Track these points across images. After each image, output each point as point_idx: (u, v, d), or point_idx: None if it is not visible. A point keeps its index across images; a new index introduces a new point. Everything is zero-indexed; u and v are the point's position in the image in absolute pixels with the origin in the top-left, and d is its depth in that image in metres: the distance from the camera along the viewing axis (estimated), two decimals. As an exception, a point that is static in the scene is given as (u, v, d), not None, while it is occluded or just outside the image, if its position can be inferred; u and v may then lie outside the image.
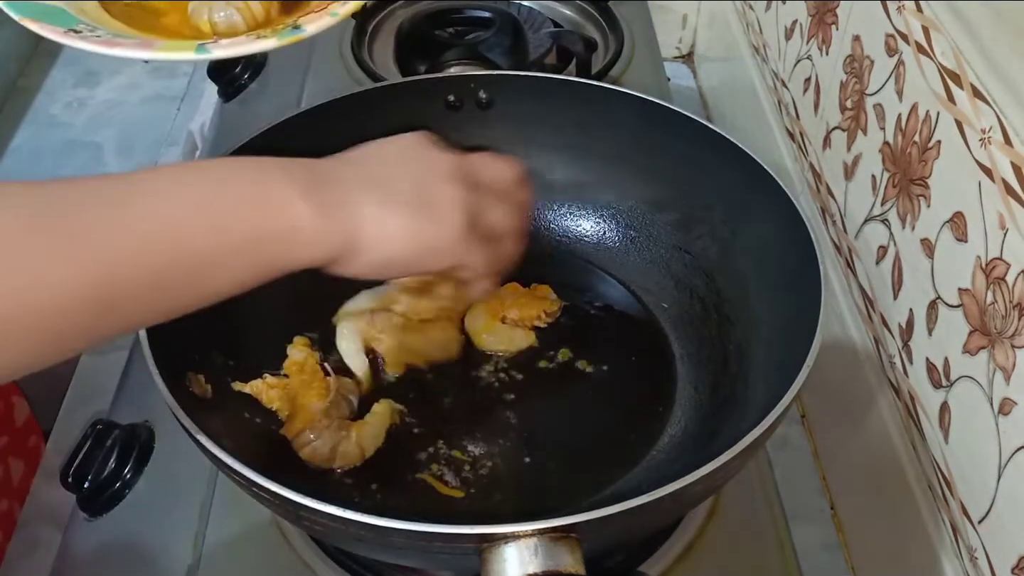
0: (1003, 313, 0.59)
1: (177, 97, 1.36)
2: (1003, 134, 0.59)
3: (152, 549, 0.68)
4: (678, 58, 1.45)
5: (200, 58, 0.63)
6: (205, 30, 0.68)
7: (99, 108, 1.34)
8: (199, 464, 0.58)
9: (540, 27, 1.08)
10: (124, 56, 0.60)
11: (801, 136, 0.97)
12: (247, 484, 0.52)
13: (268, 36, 0.63)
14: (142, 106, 1.35)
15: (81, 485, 0.70)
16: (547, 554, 0.47)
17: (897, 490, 0.74)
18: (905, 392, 0.74)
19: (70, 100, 1.36)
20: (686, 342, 0.74)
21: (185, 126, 1.26)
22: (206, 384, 0.64)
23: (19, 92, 1.36)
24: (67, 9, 0.64)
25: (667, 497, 0.49)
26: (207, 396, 0.64)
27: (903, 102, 0.73)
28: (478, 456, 0.67)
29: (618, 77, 1.04)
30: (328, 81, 1.04)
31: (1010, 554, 0.59)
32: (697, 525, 0.68)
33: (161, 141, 1.28)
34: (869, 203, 0.79)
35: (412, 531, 0.48)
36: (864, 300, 0.82)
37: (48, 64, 1.42)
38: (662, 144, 0.77)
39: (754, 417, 0.55)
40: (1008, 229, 0.58)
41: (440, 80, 0.83)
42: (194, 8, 0.69)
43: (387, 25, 1.13)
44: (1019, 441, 0.57)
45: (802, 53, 0.96)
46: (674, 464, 0.66)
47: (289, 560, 0.66)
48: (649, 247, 0.80)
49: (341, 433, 0.65)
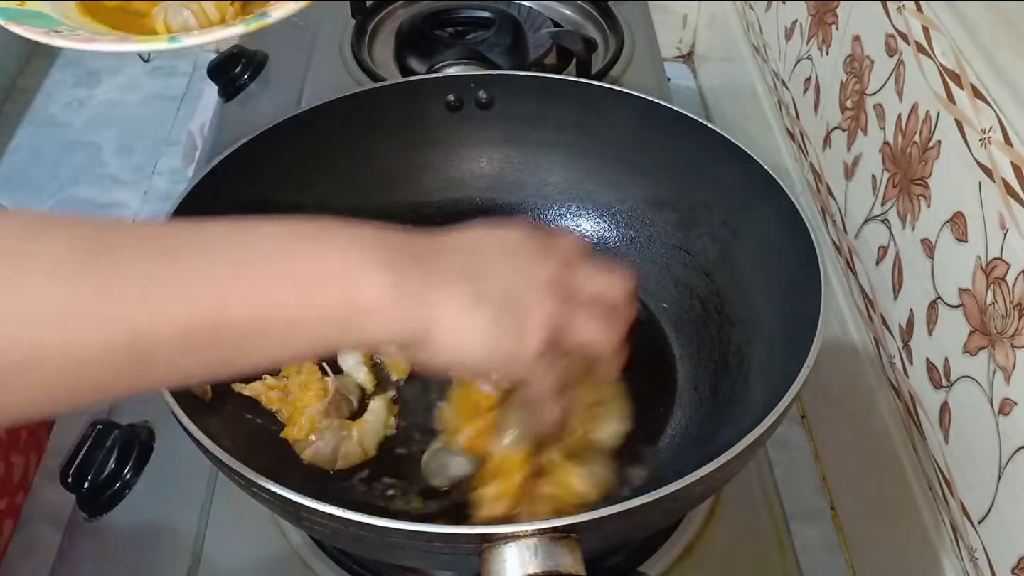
0: (1003, 313, 0.59)
1: (177, 97, 1.36)
2: (1003, 134, 0.59)
3: (152, 549, 0.68)
4: (678, 58, 1.45)
5: (172, 47, 0.65)
6: (161, 31, 0.71)
7: (99, 108, 1.34)
8: (199, 464, 0.58)
9: (540, 27, 1.08)
10: (103, 51, 0.63)
11: (801, 136, 0.97)
12: (247, 484, 0.52)
13: (235, 24, 0.67)
14: (142, 106, 1.35)
15: (81, 485, 0.70)
16: (547, 554, 0.47)
17: (897, 490, 0.74)
18: (905, 392, 0.74)
19: (70, 100, 1.36)
20: (686, 342, 0.74)
21: (185, 126, 1.26)
22: (206, 384, 0.64)
23: (19, 92, 1.36)
24: (51, 12, 0.67)
25: (667, 497, 0.49)
26: (207, 397, 0.64)
27: (903, 102, 0.73)
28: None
29: (618, 77, 1.04)
30: (328, 81, 1.04)
31: (1010, 554, 0.59)
32: (697, 525, 0.68)
33: (161, 141, 1.28)
34: (869, 203, 0.79)
35: (412, 531, 0.48)
36: (864, 300, 0.82)
37: (48, 64, 1.42)
38: (662, 144, 0.77)
39: (754, 417, 0.55)
40: (1008, 229, 0.58)
41: (440, 80, 0.83)
42: (156, 11, 0.72)
43: (387, 25, 1.13)
44: (1019, 441, 0.57)
45: (802, 53, 0.96)
46: (674, 464, 0.66)
47: (289, 560, 0.66)
48: (649, 247, 0.80)
49: (342, 433, 0.65)
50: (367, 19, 1.12)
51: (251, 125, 0.73)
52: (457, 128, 0.83)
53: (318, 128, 0.77)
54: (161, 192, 1.20)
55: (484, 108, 0.82)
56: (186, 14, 0.71)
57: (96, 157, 1.25)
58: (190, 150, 1.21)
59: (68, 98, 1.35)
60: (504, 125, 0.82)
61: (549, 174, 0.84)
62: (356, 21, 1.10)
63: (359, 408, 0.69)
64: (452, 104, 0.82)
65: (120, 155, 1.26)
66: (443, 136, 0.83)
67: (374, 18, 1.13)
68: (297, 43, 1.12)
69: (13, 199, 1.19)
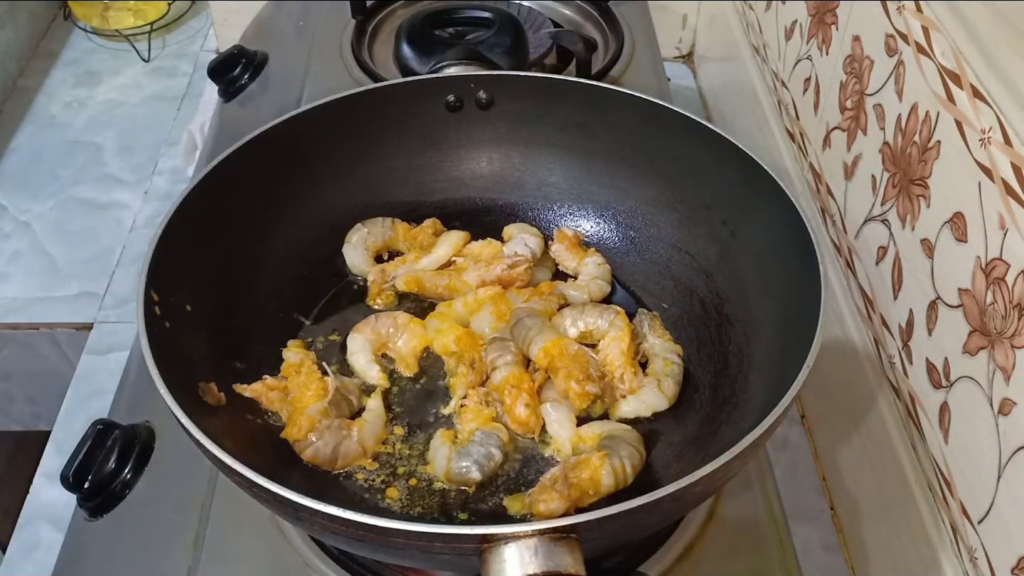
0: (1003, 313, 0.59)
1: (177, 97, 1.36)
2: (1003, 134, 0.59)
3: (152, 549, 0.68)
4: (678, 58, 1.45)
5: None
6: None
7: (99, 108, 1.34)
8: (199, 464, 0.58)
9: (540, 27, 1.08)
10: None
11: (801, 136, 0.97)
12: (247, 484, 0.52)
13: None
14: (142, 106, 1.35)
15: (81, 485, 0.70)
16: (547, 554, 0.47)
17: (897, 490, 0.74)
18: (905, 392, 0.74)
19: (70, 100, 1.36)
20: (686, 342, 0.74)
21: (185, 126, 1.26)
22: (219, 392, 0.64)
23: (19, 92, 1.36)
24: None
25: (667, 498, 0.49)
26: (222, 403, 0.64)
27: (903, 102, 0.73)
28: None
29: (618, 77, 1.04)
30: (328, 81, 1.04)
31: (1010, 554, 0.59)
32: (697, 525, 0.68)
33: (161, 141, 1.28)
34: (869, 203, 0.79)
35: (412, 531, 0.48)
36: (864, 300, 0.82)
37: (48, 64, 1.42)
38: (662, 144, 0.77)
39: (754, 417, 0.55)
40: (1008, 229, 0.58)
41: (440, 80, 0.83)
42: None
43: (387, 25, 1.13)
44: (1019, 441, 0.57)
45: (802, 53, 0.96)
46: (674, 464, 0.66)
47: (289, 560, 0.66)
48: (649, 247, 0.80)
49: (342, 432, 0.65)
50: (367, 19, 1.12)
51: (251, 125, 0.74)
52: (457, 128, 0.83)
53: (318, 128, 0.77)
54: (161, 192, 1.20)
55: (484, 108, 0.82)
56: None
57: (96, 157, 1.25)
58: (190, 150, 1.21)
59: (68, 98, 1.35)
60: (504, 125, 0.82)
61: (549, 174, 0.84)
62: (356, 21, 1.10)
63: (359, 408, 0.69)
64: (452, 104, 0.82)
65: (120, 155, 1.26)
66: (443, 136, 0.83)
67: (374, 18, 1.13)
68: (297, 43, 1.12)
69: (13, 199, 1.19)
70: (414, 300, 0.78)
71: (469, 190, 0.85)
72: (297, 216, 0.77)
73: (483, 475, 0.64)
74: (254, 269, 0.74)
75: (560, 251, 0.80)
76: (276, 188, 0.76)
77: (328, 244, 0.80)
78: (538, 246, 0.80)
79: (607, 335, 0.71)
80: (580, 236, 0.82)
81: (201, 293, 0.67)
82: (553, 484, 0.59)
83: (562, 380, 0.66)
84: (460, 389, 0.69)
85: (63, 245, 1.13)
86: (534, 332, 0.69)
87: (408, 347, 0.73)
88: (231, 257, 0.71)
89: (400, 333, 0.74)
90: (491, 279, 0.76)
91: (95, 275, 1.09)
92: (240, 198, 0.72)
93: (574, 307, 0.74)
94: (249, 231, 0.74)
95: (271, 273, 0.75)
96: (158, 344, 0.58)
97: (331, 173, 0.79)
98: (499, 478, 0.65)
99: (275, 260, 0.76)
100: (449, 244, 0.80)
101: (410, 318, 0.74)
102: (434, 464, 0.65)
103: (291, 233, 0.77)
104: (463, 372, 0.70)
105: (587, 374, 0.66)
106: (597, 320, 0.72)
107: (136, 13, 1.45)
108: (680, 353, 0.72)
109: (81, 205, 1.18)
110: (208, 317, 0.67)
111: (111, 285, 1.08)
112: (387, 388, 0.71)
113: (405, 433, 0.68)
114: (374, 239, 0.80)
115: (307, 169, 0.78)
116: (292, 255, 0.77)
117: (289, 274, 0.76)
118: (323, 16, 1.14)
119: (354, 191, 0.81)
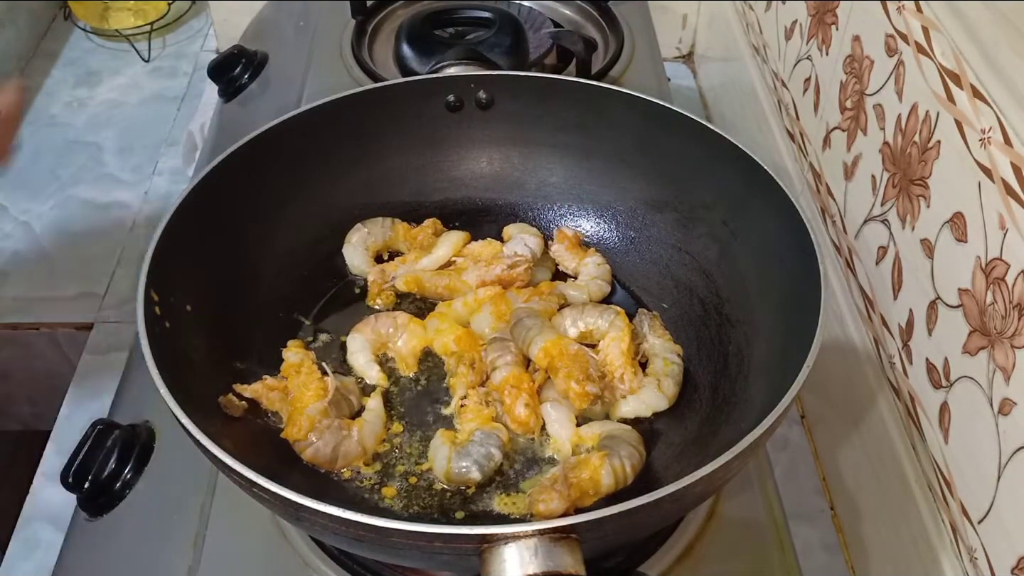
0: (1003, 313, 0.59)
1: (177, 97, 1.36)
2: (1003, 134, 0.59)
3: (152, 549, 0.68)
4: (678, 58, 1.45)
5: None
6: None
7: (99, 108, 1.34)
8: (199, 464, 0.58)
9: (540, 27, 1.08)
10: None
11: (801, 136, 0.97)
12: (247, 484, 0.52)
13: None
14: (142, 106, 1.35)
15: (81, 485, 0.70)
16: (547, 555, 0.47)
17: (897, 490, 0.74)
18: (905, 392, 0.74)
19: (70, 100, 1.36)
20: (686, 342, 0.74)
21: (185, 126, 1.26)
22: (240, 402, 0.65)
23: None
24: None
25: (667, 498, 0.49)
26: (245, 411, 0.65)
27: (903, 102, 0.73)
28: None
29: (618, 77, 1.04)
30: (328, 81, 1.04)
31: (1010, 554, 0.59)
32: (697, 525, 0.68)
33: (161, 141, 1.28)
34: (869, 203, 0.79)
35: (412, 531, 0.48)
36: (864, 300, 0.82)
37: (48, 64, 1.42)
38: (662, 144, 0.77)
39: (754, 417, 0.55)
40: (1008, 229, 0.58)
41: (440, 80, 0.83)
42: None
43: (387, 25, 1.13)
44: (1019, 441, 0.57)
45: (802, 53, 0.96)
46: (674, 464, 0.66)
47: (289, 560, 0.66)
48: (649, 247, 0.80)
49: (342, 432, 0.65)
50: (367, 19, 1.12)
51: (251, 125, 0.74)
52: (457, 128, 0.83)
53: (318, 128, 0.77)
54: (161, 192, 1.20)
55: (484, 108, 0.82)
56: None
57: (96, 157, 1.25)
58: (190, 150, 1.21)
59: (68, 98, 1.35)
60: (504, 125, 0.82)
61: (549, 174, 0.84)
62: (356, 21, 1.10)
63: (359, 407, 0.69)
64: (452, 104, 0.82)
65: (120, 155, 1.26)
66: (443, 136, 0.83)
67: (374, 18, 1.13)
68: (297, 43, 1.11)
69: (13, 199, 1.19)
70: (414, 300, 0.78)
71: (469, 190, 0.85)
72: (297, 216, 0.77)
73: (483, 475, 0.64)
74: (254, 269, 0.74)
75: (560, 251, 0.81)
76: (276, 188, 0.76)
77: (328, 244, 0.80)
78: (538, 246, 0.80)
79: (607, 335, 0.71)
80: (580, 236, 0.82)
81: (201, 293, 0.67)
82: (553, 484, 0.59)
83: (562, 380, 0.66)
84: (460, 389, 0.69)
85: (63, 245, 1.13)
86: (534, 332, 0.69)
87: (408, 347, 0.73)
88: (231, 257, 0.71)
89: (400, 333, 0.74)
90: (491, 279, 0.76)
91: (95, 275, 1.09)
92: (240, 198, 0.72)
93: (574, 307, 0.74)
94: (249, 231, 0.74)
95: (271, 273, 0.75)
96: (158, 344, 0.58)
97: (331, 173, 0.79)
98: (499, 478, 0.65)
99: (275, 260, 0.76)
100: (449, 244, 0.80)
101: (410, 318, 0.74)
102: (434, 464, 0.65)
103: (291, 233, 0.77)
104: (463, 372, 0.70)
105: (587, 374, 0.66)
106: (597, 320, 0.72)
107: (136, 13, 1.45)
108: (680, 353, 0.72)
109: (81, 205, 1.18)
110: (208, 317, 0.67)
111: (111, 285, 1.08)
112: (387, 388, 0.71)
113: (405, 433, 0.68)
114: (374, 239, 0.80)
115: (307, 169, 0.78)
116: (292, 255, 0.77)
117: (289, 274, 0.76)
118: (323, 16, 1.14)
119: (354, 191, 0.81)
